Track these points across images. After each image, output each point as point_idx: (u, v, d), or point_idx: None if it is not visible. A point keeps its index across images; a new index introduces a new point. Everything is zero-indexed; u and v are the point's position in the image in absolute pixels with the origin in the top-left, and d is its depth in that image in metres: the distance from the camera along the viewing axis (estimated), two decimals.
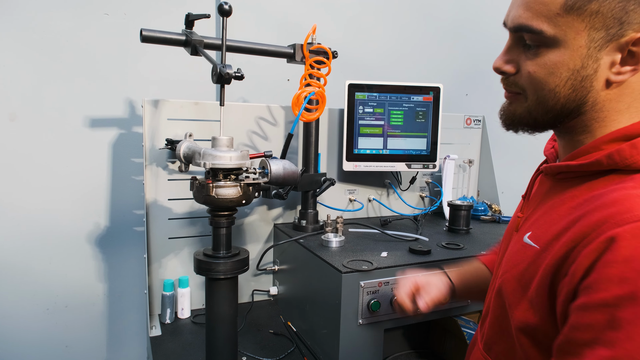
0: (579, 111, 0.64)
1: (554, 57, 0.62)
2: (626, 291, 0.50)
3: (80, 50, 1.49)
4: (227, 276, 1.06)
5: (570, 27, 0.60)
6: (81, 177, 1.54)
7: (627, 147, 0.60)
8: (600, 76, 0.61)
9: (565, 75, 0.62)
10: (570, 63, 0.61)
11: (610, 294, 0.51)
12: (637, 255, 0.51)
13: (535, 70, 0.64)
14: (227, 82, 1.02)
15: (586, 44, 0.60)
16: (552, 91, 0.64)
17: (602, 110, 0.64)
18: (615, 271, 0.52)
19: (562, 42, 0.61)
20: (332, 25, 1.88)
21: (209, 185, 1.01)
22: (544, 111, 0.66)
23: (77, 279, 1.58)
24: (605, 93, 0.62)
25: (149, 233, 1.42)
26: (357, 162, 1.59)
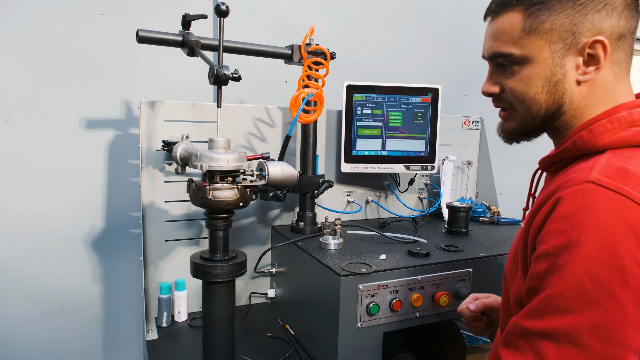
0: (560, 111, 0.75)
1: (527, 72, 0.75)
2: (562, 241, 0.61)
3: (76, 51, 1.48)
4: (224, 280, 1.05)
5: (533, 45, 0.73)
6: (77, 178, 1.52)
7: (585, 132, 0.71)
8: (570, 79, 0.73)
9: (540, 83, 0.74)
10: (541, 73, 0.74)
11: (551, 244, 0.62)
12: (572, 212, 0.61)
13: (515, 85, 0.77)
14: (224, 84, 1.01)
15: (550, 55, 0.72)
16: (533, 99, 0.75)
17: (578, 107, 0.74)
18: (555, 226, 0.63)
19: (530, 58, 0.74)
20: (329, 26, 1.87)
21: (206, 187, 1.00)
22: (532, 118, 0.77)
23: (73, 282, 1.56)
24: (578, 92, 0.73)
25: (146, 235, 1.40)
26: (356, 164, 1.59)
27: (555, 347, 0.59)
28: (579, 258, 0.59)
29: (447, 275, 1.22)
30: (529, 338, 0.62)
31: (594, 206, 0.60)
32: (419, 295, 1.17)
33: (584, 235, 0.59)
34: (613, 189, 0.60)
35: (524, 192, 2.60)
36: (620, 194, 0.60)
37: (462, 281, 1.25)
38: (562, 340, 0.59)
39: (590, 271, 0.58)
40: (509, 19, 0.75)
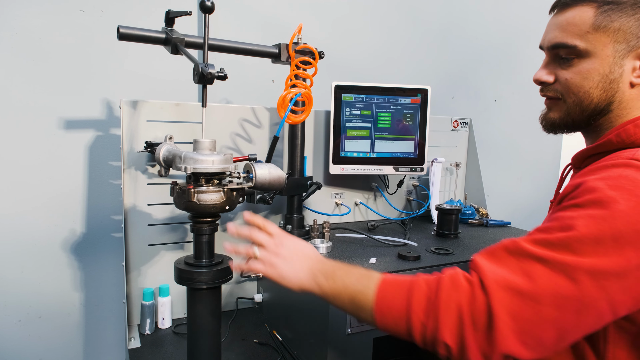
0: (608, 109, 0.79)
1: (587, 66, 0.78)
2: (595, 197, 0.64)
3: (54, 49, 1.42)
4: (210, 286, 1.01)
5: (599, 42, 0.76)
6: (56, 181, 1.47)
7: (631, 126, 0.75)
8: (625, 79, 0.77)
9: (596, 79, 0.77)
10: (600, 69, 0.77)
11: (583, 198, 0.66)
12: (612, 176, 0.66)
13: (571, 77, 0.79)
14: (210, 83, 0.97)
15: (612, 53, 0.76)
16: (587, 93, 0.78)
17: (626, 108, 0.78)
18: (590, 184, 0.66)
19: (592, 53, 0.77)
20: (318, 26, 1.84)
21: (191, 190, 0.96)
22: (580, 110, 0.80)
23: (51, 289, 1.51)
24: (630, 93, 0.77)
25: (128, 239, 1.36)
26: (344, 166, 1.56)
27: (549, 273, 0.62)
28: (610, 213, 0.62)
29: None
30: (522, 258, 0.64)
31: (635, 176, 0.64)
32: None
33: (620, 196, 0.62)
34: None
35: (511, 194, 2.61)
36: None
37: None
38: (558, 269, 0.61)
39: (617, 229, 0.61)
40: (580, 12, 0.77)
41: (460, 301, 0.65)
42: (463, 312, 0.64)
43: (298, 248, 0.87)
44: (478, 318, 0.63)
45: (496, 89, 2.33)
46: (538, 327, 0.61)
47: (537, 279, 0.62)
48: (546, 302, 0.61)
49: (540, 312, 0.61)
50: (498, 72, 2.32)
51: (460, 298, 0.65)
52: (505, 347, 0.61)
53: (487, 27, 2.25)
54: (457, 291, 0.66)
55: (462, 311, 0.64)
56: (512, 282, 0.62)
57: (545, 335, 0.61)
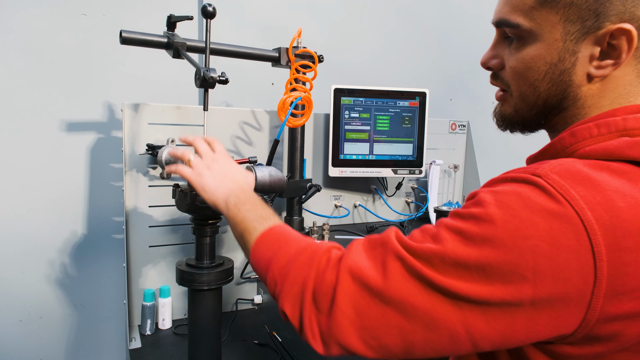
0: (561, 106, 0.63)
1: (532, 51, 0.62)
2: (476, 212, 0.53)
3: (56, 52, 1.44)
4: (211, 287, 1.03)
5: (546, 20, 0.60)
6: (57, 182, 1.48)
7: (567, 135, 0.60)
8: (580, 70, 0.60)
9: (543, 69, 0.62)
10: (547, 56, 0.61)
11: (466, 210, 0.55)
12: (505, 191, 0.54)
13: (515, 65, 0.64)
14: (211, 87, 0.99)
15: (562, 37, 0.59)
16: (532, 85, 0.63)
17: (583, 107, 0.62)
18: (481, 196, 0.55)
19: (539, 35, 0.61)
20: (317, 30, 1.86)
21: (192, 193, 0.98)
22: (527, 107, 0.66)
23: (52, 289, 1.52)
24: (587, 88, 0.61)
25: (129, 241, 1.37)
26: (343, 168, 1.57)
27: (404, 275, 0.54)
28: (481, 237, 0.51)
29: None
30: (388, 252, 0.56)
31: (528, 195, 0.51)
32: None
33: (501, 217, 0.51)
34: (556, 188, 0.51)
35: None
36: (563, 196, 0.50)
37: None
38: (414, 274, 0.53)
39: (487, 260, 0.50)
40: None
41: (308, 275, 0.60)
42: (306, 288, 0.60)
43: (230, 170, 0.89)
44: (321, 299, 0.58)
45: (494, 92, 2.34)
46: (382, 329, 0.55)
47: (391, 278, 0.54)
48: (393, 305, 0.54)
49: (385, 313, 0.54)
50: None
51: (310, 272, 0.60)
52: (343, 339, 0.56)
53: (484, 29, 2.24)
54: (311, 263, 0.61)
55: (305, 286, 0.60)
56: (365, 274, 0.56)
57: (390, 341, 0.55)
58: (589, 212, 0.49)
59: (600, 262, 0.49)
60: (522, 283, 0.49)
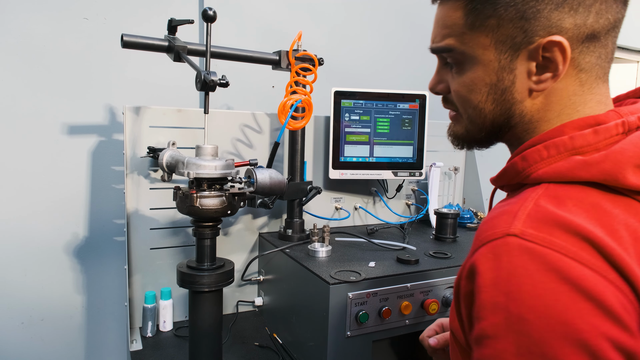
0: (509, 124, 0.63)
1: (471, 75, 0.62)
2: (500, 318, 0.48)
3: (58, 55, 1.45)
4: (212, 289, 1.03)
5: (477, 44, 0.60)
6: (59, 185, 1.49)
7: (518, 160, 0.60)
8: (520, 87, 0.60)
9: (484, 90, 0.62)
10: (486, 78, 0.61)
11: (488, 322, 0.49)
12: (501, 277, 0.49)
13: (457, 89, 0.65)
14: (212, 90, 0.99)
15: (496, 57, 0.60)
16: (477, 108, 0.63)
17: (531, 122, 0.62)
18: (487, 296, 0.50)
19: (473, 58, 0.61)
20: (317, 33, 1.87)
21: (193, 195, 0.98)
22: (477, 129, 0.66)
23: (54, 291, 1.52)
24: (531, 103, 0.61)
25: (130, 243, 1.37)
26: (344, 170, 1.58)
27: None
28: (525, 338, 0.46)
29: (437, 283, 1.22)
30: None
31: (524, 268, 0.48)
32: (408, 303, 1.17)
33: (524, 308, 0.47)
34: (541, 244, 0.49)
35: None
36: (552, 249, 0.48)
37: (451, 288, 1.24)
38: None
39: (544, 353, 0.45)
40: (451, 10, 0.62)
41: None
42: None
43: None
44: None
45: None
46: None
47: None
48: None
49: None
50: None
51: None
52: None
53: None
54: None
55: None
56: None
57: None
58: None
59: None
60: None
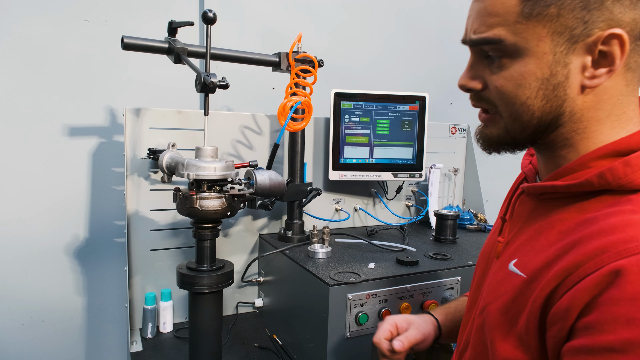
0: (557, 123, 0.60)
1: (519, 68, 0.58)
2: (635, 335, 0.45)
3: (59, 57, 1.45)
4: (212, 290, 1.03)
5: (532, 34, 0.56)
6: (59, 186, 1.49)
7: (620, 165, 0.55)
8: (573, 82, 0.57)
9: (534, 85, 0.58)
10: (537, 72, 0.57)
11: (617, 336, 0.46)
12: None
13: (502, 84, 0.60)
14: (212, 91, 0.99)
15: (551, 49, 0.56)
16: (524, 104, 0.59)
17: (581, 121, 0.59)
18: (622, 310, 0.46)
19: (525, 50, 0.57)
20: (317, 35, 1.87)
21: (193, 197, 0.99)
22: (521, 128, 0.61)
23: (54, 293, 1.53)
24: (582, 101, 0.58)
25: (130, 245, 1.38)
26: (344, 172, 1.58)
27: None
28: None
29: (436, 284, 1.22)
30: None
31: None
32: (407, 304, 1.17)
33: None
34: None
35: None
36: None
37: (450, 289, 1.24)
38: None
39: None
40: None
41: None
42: None
43: None
44: None
45: None
46: None
47: None
48: None
49: None
50: None
51: None
52: None
53: None
54: None
55: None
56: None
57: None
58: None
59: None
60: None
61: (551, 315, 0.53)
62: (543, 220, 0.63)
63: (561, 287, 0.52)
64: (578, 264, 0.51)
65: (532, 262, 0.59)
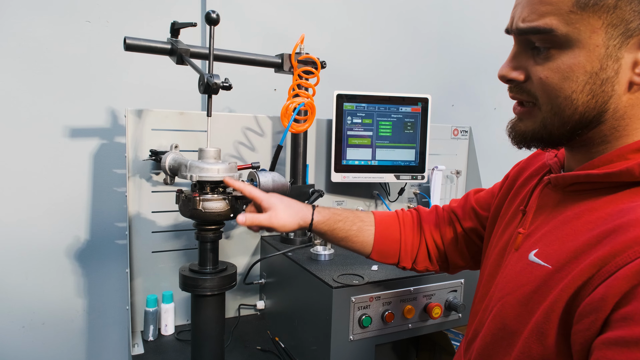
0: (599, 120, 0.57)
1: (568, 60, 0.56)
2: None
3: (61, 58, 1.45)
4: (214, 293, 1.03)
5: (586, 25, 0.54)
6: (60, 188, 1.48)
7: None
8: (622, 79, 0.54)
9: (582, 79, 0.55)
10: (587, 65, 0.55)
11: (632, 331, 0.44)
12: None
13: (547, 76, 0.57)
14: (215, 93, 0.99)
15: (604, 42, 0.53)
16: (569, 98, 0.57)
17: (623, 118, 0.57)
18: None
19: (576, 41, 0.55)
20: (319, 37, 1.87)
21: (196, 198, 0.98)
22: (560, 123, 0.59)
23: (55, 295, 1.52)
24: (628, 98, 0.56)
25: (132, 247, 1.37)
26: (346, 173, 1.58)
27: None
28: None
29: (439, 287, 1.21)
30: None
31: None
32: (411, 307, 1.16)
33: None
34: None
35: None
36: None
37: (454, 292, 1.24)
38: None
39: None
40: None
41: None
42: None
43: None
44: None
45: (495, 97, 2.35)
46: None
47: None
48: None
49: None
50: (497, 81, 2.32)
51: None
52: None
53: (485, 35, 2.27)
54: None
55: None
56: None
57: None
58: None
59: None
60: None
61: (583, 307, 0.50)
62: (570, 211, 0.61)
63: (596, 278, 0.50)
64: (615, 253, 0.49)
65: (558, 252, 0.57)
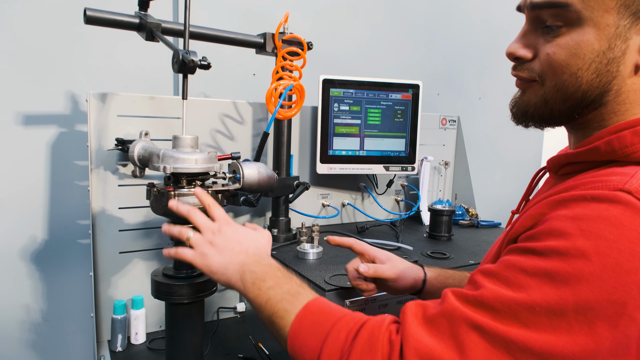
0: (601, 101, 0.58)
1: (578, 37, 0.56)
2: (561, 245, 0.48)
3: (11, 35, 1.28)
4: (192, 300, 0.91)
5: (600, 4, 0.54)
6: (14, 182, 1.33)
7: (628, 133, 0.54)
8: (629, 60, 0.55)
9: (589, 57, 0.56)
10: (595, 43, 0.55)
11: (544, 244, 0.49)
12: (589, 216, 0.48)
13: (555, 52, 0.58)
14: (191, 72, 0.86)
15: (615, 22, 0.54)
16: (574, 75, 0.57)
17: (624, 102, 0.57)
18: (558, 224, 0.50)
19: (588, 19, 0.55)
20: (300, 17, 1.74)
21: (170, 193, 0.86)
22: (562, 99, 0.59)
23: (10, 302, 1.37)
24: (632, 81, 0.56)
25: (96, 247, 1.23)
26: (332, 164, 1.47)
27: (486, 348, 0.48)
28: (576, 273, 0.46)
29: None
30: (457, 323, 0.50)
31: (621, 220, 0.46)
32: None
33: (593, 250, 0.46)
34: None
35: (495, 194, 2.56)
36: None
37: None
38: (498, 344, 0.47)
39: (583, 299, 0.45)
40: None
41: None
42: None
43: (236, 239, 0.77)
44: None
45: (480, 87, 2.29)
46: None
47: (470, 355, 0.48)
48: None
49: None
50: (482, 70, 2.28)
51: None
52: None
53: (471, 25, 2.21)
54: (374, 349, 0.54)
55: None
56: (437, 356, 0.49)
57: None
58: None
59: None
60: (630, 326, 0.45)
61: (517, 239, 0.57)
62: (553, 188, 0.62)
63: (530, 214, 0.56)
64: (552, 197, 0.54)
65: (520, 218, 0.60)
